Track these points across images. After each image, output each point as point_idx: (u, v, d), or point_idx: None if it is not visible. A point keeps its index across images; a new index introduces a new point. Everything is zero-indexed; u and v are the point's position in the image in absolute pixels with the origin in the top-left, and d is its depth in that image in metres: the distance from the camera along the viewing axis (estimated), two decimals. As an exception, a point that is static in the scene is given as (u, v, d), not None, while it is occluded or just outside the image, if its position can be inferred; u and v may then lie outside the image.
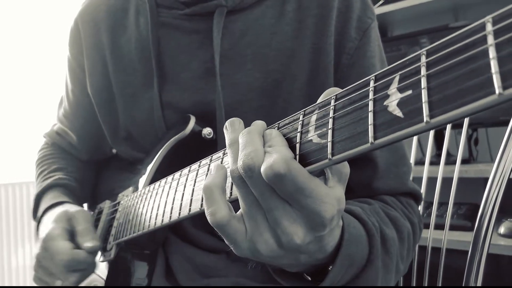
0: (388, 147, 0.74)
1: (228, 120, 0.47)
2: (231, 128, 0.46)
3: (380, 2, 1.88)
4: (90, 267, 0.77)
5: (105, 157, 1.04)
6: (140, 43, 0.83)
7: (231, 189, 0.48)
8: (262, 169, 0.39)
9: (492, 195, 0.90)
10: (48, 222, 0.80)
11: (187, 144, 0.77)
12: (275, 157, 0.39)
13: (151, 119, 0.81)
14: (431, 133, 1.18)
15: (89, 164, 1.06)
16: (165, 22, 0.81)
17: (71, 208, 0.81)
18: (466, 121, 1.09)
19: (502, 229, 1.52)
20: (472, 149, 1.88)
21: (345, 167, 0.43)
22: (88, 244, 0.74)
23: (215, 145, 0.77)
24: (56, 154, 1.06)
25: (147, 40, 0.82)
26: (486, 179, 0.91)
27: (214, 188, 0.45)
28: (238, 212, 0.46)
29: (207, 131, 0.76)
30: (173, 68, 0.81)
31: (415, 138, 1.26)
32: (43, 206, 0.88)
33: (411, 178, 0.80)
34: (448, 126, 1.13)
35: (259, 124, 0.45)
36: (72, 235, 0.77)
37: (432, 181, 1.12)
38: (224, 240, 0.46)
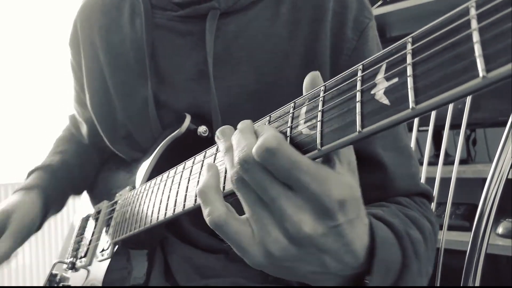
0: (395, 149, 0.73)
1: (218, 130, 0.47)
2: (224, 137, 0.46)
3: (379, 3, 1.88)
4: None
5: None
6: (136, 43, 0.83)
7: (224, 183, 0.48)
8: (253, 151, 0.38)
9: (490, 195, 0.90)
10: (2, 205, 0.87)
11: (183, 142, 0.77)
12: (265, 135, 0.38)
13: (147, 119, 0.82)
14: (430, 133, 1.18)
15: (95, 151, 1.08)
16: (159, 24, 0.81)
17: (21, 208, 0.86)
18: (464, 121, 1.09)
19: (500, 229, 1.52)
20: (470, 149, 1.88)
21: (353, 156, 0.41)
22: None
23: (210, 144, 0.77)
24: (69, 136, 1.12)
25: (142, 40, 0.82)
26: (484, 180, 0.91)
27: (207, 190, 0.44)
28: (243, 216, 0.43)
29: (202, 129, 0.77)
30: (167, 70, 0.81)
31: (413, 139, 1.25)
32: (21, 185, 0.95)
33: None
34: (447, 127, 1.13)
35: (247, 122, 0.45)
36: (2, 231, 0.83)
37: (430, 181, 1.11)
38: (234, 249, 0.44)
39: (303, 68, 0.74)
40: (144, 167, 0.81)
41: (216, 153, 0.53)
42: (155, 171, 0.79)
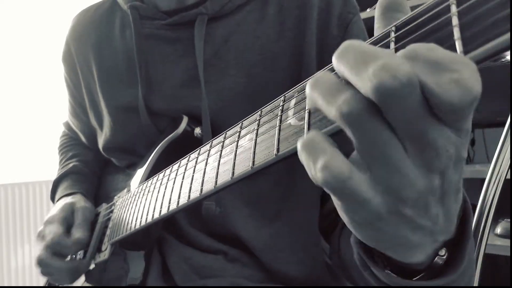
0: None
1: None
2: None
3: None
4: (79, 268, 0.84)
5: None
6: (127, 55, 0.84)
7: (216, 178, 0.47)
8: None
9: (488, 196, 0.90)
10: (57, 207, 0.88)
11: (180, 143, 0.78)
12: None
13: (140, 126, 0.82)
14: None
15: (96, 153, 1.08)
16: (149, 33, 0.82)
17: (79, 203, 0.89)
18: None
19: (498, 229, 1.52)
20: (469, 149, 1.88)
21: None
22: (75, 235, 0.81)
23: None
24: (71, 141, 1.13)
25: (132, 51, 0.83)
26: (483, 180, 0.91)
27: (316, 136, 0.30)
28: (352, 157, 0.31)
29: (199, 130, 0.77)
30: (159, 78, 0.81)
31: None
32: (59, 193, 0.97)
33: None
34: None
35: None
36: (69, 225, 0.85)
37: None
38: (343, 206, 0.31)
39: (291, 68, 0.75)
40: (142, 169, 0.82)
41: (209, 150, 0.53)
42: (153, 173, 0.79)
